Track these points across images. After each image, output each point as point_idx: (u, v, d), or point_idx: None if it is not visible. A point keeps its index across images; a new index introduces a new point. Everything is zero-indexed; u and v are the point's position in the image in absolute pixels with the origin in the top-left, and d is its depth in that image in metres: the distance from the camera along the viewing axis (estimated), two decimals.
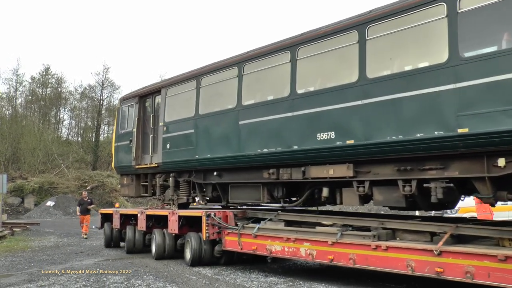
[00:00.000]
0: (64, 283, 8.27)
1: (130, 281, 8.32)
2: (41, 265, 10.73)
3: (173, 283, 8.08)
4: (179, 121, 11.28)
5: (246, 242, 9.16)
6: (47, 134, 37.93)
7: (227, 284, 8.04)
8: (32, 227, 20.84)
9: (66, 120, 44.74)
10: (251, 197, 9.69)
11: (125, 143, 13.45)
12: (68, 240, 16.78)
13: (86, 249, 13.90)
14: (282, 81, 8.86)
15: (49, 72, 45.23)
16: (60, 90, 44.39)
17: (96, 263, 10.76)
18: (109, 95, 42.99)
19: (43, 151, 34.61)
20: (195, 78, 10.90)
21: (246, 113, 9.39)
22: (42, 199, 30.17)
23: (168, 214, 10.98)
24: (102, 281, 8.40)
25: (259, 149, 9.01)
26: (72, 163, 34.82)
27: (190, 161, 10.76)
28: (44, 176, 31.80)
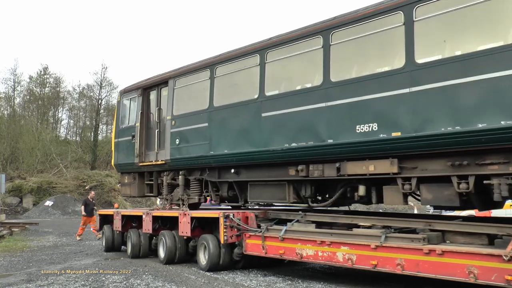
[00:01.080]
0: (63, 282, 8.19)
1: (129, 280, 8.26)
2: (40, 265, 10.62)
3: (172, 283, 8.02)
4: (190, 114, 10.38)
5: (272, 246, 8.33)
6: (46, 133, 37.82)
7: (226, 283, 7.93)
8: (31, 227, 20.52)
9: (64, 120, 44.50)
10: (275, 196, 8.87)
11: (127, 139, 12.47)
12: (67, 240, 16.33)
13: (85, 248, 13.58)
14: (313, 69, 8.08)
15: (47, 71, 45.09)
16: (58, 89, 44.50)
17: (95, 263, 10.63)
18: (107, 94, 42.80)
19: (41, 150, 34.64)
20: (209, 68, 10.02)
21: (270, 104, 8.57)
22: (41, 199, 30.08)
23: (178, 215, 10.07)
24: (101, 280, 8.32)
25: (286, 144, 8.20)
26: (70, 163, 34.75)
27: (203, 158, 9.88)
28: (42, 176, 31.83)
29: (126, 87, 13.04)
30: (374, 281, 7.95)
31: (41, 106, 42.72)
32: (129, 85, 13.02)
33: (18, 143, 35.69)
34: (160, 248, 10.55)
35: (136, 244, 11.30)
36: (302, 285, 7.70)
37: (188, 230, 9.75)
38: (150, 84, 11.99)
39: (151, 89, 12.08)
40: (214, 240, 9.08)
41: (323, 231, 7.83)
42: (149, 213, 11.02)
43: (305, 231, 8.03)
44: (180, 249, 10.17)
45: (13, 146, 35.64)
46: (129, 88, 12.82)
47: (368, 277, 8.25)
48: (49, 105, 43.19)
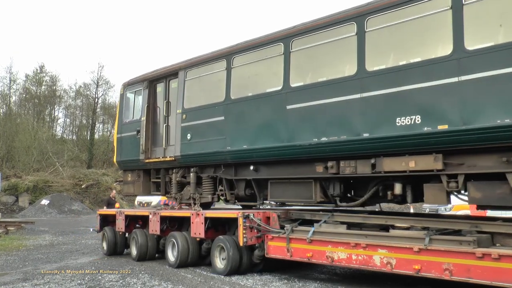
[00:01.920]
0: (59, 281, 8.13)
1: (126, 279, 8.22)
2: (36, 264, 10.52)
3: (168, 281, 7.97)
4: (203, 107, 9.71)
5: (298, 249, 7.71)
6: (42, 132, 37.49)
7: (222, 282, 7.87)
8: (27, 225, 20.12)
9: (60, 119, 44.22)
10: (299, 195, 8.24)
11: (131, 134, 11.72)
12: (63, 238, 16.04)
13: (81, 247, 13.41)
14: (345, 58, 7.49)
15: (44, 70, 44.65)
16: (54, 88, 44.16)
17: (92, 262, 10.55)
18: (104, 93, 42.30)
19: (37, 149, 34.32)
20: (225, 58, 9.36)
21: (296, 96, 7.96)
22: (37, 198, 29.81)
23: (190, 215, 9.38)
24: (97, 279, 8.28)
25: (314, 138, 7.60)
26: (67, 162, 34.47)
27: (218, 154, 9.21)
28: (38, 175, 31.47)
29: (130, 80, 12.29)
30: (371, 281, 7.77)
31: (37, 105, 42.42)
32: (134, 77, 12.28)
33: (14, 141, 35.28)
34: (169, 250, 9.83)
35: (144, 246, 10.55)
36: (298, 284, 7.54)
37: (202, 231, 9.07)
38: (157, 76, 11.28)
39: (158, 81, 11.37)
40: (233, 242, 8.42)
41: (356, 233, 7.23)
42: (156, 213, 10.30)
43: (336, 232, 7.43)
44: (193, 252, 9.48)
45: (9, 144, 35.23)
46: (134, 80, 12.07)
47: (362, 277, 8.11)
48: (45, 104, 42.92)
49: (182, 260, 9.36)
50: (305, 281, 7.71)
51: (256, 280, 7.82)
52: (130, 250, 11.07)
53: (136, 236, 10.72)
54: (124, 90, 12.33)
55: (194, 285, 7.69)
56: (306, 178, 8.10)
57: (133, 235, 10.97)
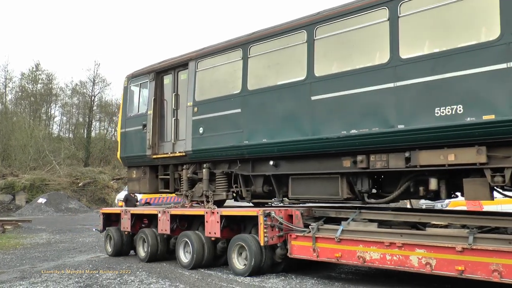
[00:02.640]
0: (57, 279, 8.08)
1: (123, 277, 8.19)
2: (33, 262, 10.43)
3: (166, 279, 7.96)
4: (217, 99, 9.17)
5: (325, 248, 7.24)
6: (38, 130, 36.99)
7: (219, 279, 7.86)
8: (24, 224, 20.01)
9: (57, 117, 43.76)
10: (324, 191, 7.76)
11: (136, 129, 11.14)
12: (60, 237, 15.87)
13: (78, 245, 13.31)
14: (376, 45, 7.02)
15: (39, 68, 43.94)
16: (50, 86, 43.69)
17: (89, 260, 10.48)
18: (100, 91, 41.92)
19: (34, 147, 33.93)
20: (241, 47, 8.84)
21: (321, 86, 7.48)
22: (34, 196, 29.41)
23: (204, 214, 8.85)
24: (94, 277, 8.26)
25: (343, 131, 7.13)
26: (63, 160, 34.13)
27: (235, 148, 8.70)
28: (35, 173, 30.98)
29: (135, 72, 11.69)
30: (367, 279, 7.68)
31: (33, 103, 41.93)
32: (139, 69, 11.68)
33: (10, 140, 34.82)
34: (181, 251, 9.29)
35: (154, 246, 9.97)
36: (296, 281, 7.45)
37: (217, 230, 8.55)
38: (164, 67, 10.71)
39: (166, 73, 10.80)
40: (255, 241, 7.91)
41: (389, 231, 6.78)
42: (166, 212, 9.74)
43: (366, 231, 6.97)
44: (208, 252, 8.96)
45: (5, 143, 34.77)
46: (139, 72, 11.48)
47: (358, 273, 8.01)
48: (41, 102, 42.44)
49: (198, 261, 8.84)
50: (302, 278, 7.56)
51: (253, 277, 7.69)
52: (137, 250, 10.49)
53: (145, 236, 10.15)
54: (128, 83, 11.72)
55: (191, 282, 7.59)
56: (332, 174, 7.63)
57: (141, 234, 10.40)
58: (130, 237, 11.27)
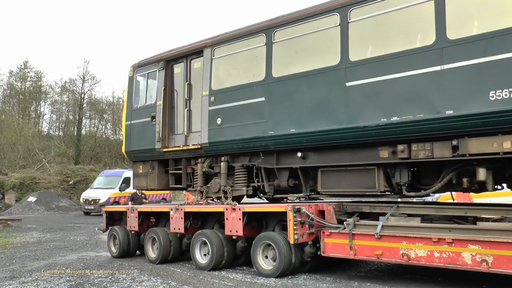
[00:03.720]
0: (48, 278, 7.96)
1: (115, 275, 8.13)
2: (23, 261, 10.18)
3: (157, 277, 7.92)
4: (237, 88, 8.59)
5: (364, 246, 6.72)
6: (27, 128, 36.11)
7: (211, 276, 7.82)
8: (14, 223, 19.56)
9: (46, 114, 42.72)
10: (359, 184, 7.25)
11: (144, 121, 10.47)
12: (51, 235, 15.47)
13: (69, 244, 13.09)
14: (420, 26, 6.53)
15: (28, 65, 42.65)
16: (39, 84, 42.53)
17: (80, 258, 10.33)
18: (90, 88, 40.69)
19: (23, 146, 32.99)
20: (264, 32, 8.28)
21: (358, 71, 6.97)
22: (24, 195, 28.65)
23: (224, 210, 8.24)
24: (86, 275, 8.20)
25: (383, 118, 6.63)
26: (53, 158, 33.10)
27: (258, 139, 8.12)
28: (25, 172, 30.15)
29: (141, 61, 11.01)
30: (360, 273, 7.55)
31: (22, 101, 40.85)
32: (145, 58, 11.01)
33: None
34: (197, 251, 8.65)
35: (166, 246, 9.30)
36: (287, 276, 7.31)
37: (240, 228, 7.95)
38: (175, 56, 10.08)
39: (177, 62, 10.17)
40: (283, 240, 7.34)
41: (435, 226, 6.30)
42: (179, 209, 9.09)
43: (410, 226, 6.47)
44: (228, 252, 8.35)
45: None
46: (146, 61, 10.80)
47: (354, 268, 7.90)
48: (30, 100, 41.39)
49: (217, 262, 8.22)
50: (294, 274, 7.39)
51: (245, 273, 7.58)
52: (146, 251, 9.79)
53: (155, 236, 9.46)
54: (134, 73, 11.04)
55: (184, 279, 7.55)
56: (368, 165, 7.13)
57: (150, 234, 9.70)
58: (136, 237, 10.58)
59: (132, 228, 10.21)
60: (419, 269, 7.56)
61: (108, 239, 10.87)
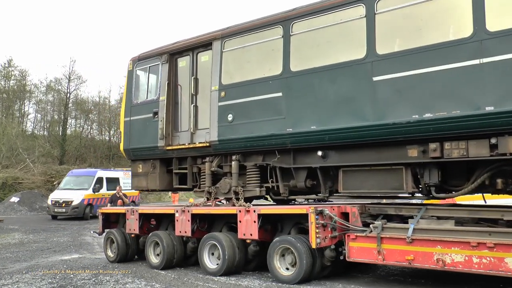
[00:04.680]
0: (29, 281, 7.81)
1: (98, 277, 8.03)
2: (4, 263, 9.98)
3: (141, 279, 7.83)
4: (250, 82, 8.11)
5: (393, 250, 6.29)
6: (11, 128, 34.77)
7: (195, 278, 7.75)
8: None
9: (31, 114, 41.08)
10: (384, 185, 6.85)
11: (145, 117, 9.88)
12: (34, 237, 15.13)
13: (53, 245, 12.78)
14: (455, 17, 6.18)
15: (12, 64, 41.35)
16: (24, 82, 41.33)
17: (63, 260, 10.13)
18: (76, 88, 39.81)
19: (6, 145, 31.87)
20: (281, 24, 7.82)
21: (386, 65, 6.57)
22: (6, 195, 27.68)
23: (237, 212, 7.73)
24: (69, 278, 8.04)
25: (414, 115, 6.25)
26: (38, 158, 32.05)
27: (275, 137, 7.65)
28: (8, 171, 29.07)
29: (142, 54, 10.40)
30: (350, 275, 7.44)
31: (5, 100, 39.47)
32: (146, 51, 10.42)
33: None
34: (206, 256, 8.11)
35: (170, 251, 8.71)
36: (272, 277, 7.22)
37: (254, 231, 7.45)
38: (180, 49, 9.53)
39: (181, 55, 9.62)
40: (305, 243, 6.88)
41: (473, 230, 5.93)
42: (186, 211, 8.52)
43: (443, 229, 6.09)
44: (240, 256, 7.84)
45: None
46: (147, 54, 10.21)
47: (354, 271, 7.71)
48: (14, 99, 40.10)
49: (229, 267, 7.70)
50: None
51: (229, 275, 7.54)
52: (147, 256, 9.17)
53: (158, 239, 8.85)
54: (134, 66, 10.42)
55: (168, 281, 7.50)
56: (394, 164, 6.73)
57: (152, 238, 9.08)
58: (135, 240, 9.95)
59: (131, 231, 9.58)
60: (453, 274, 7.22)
61: (105, 242, 10.20)
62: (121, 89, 49.33)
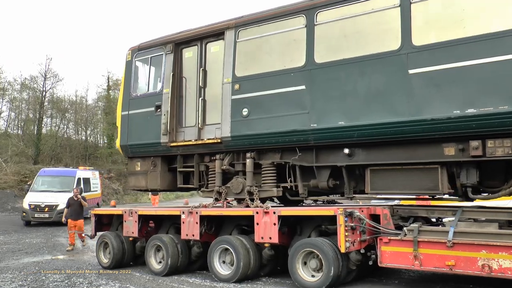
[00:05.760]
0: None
1: (71, 279, 7.86)
2: None
3: (115, 280, 7.73)
4: (269, 74, 7.56)
5: (431, 255, 5.86)
6: None
7: (171, 280, 7.68)
8: None
9: (4, 112, 38.78)
10: (417, 186, 6.42)
11: (145, 111, 9.17)
12: (4, 238, 14.52)
13: (25, 247, 12.34)
14: (500, 9, 5.84)
15: None
16: None
17: (36, 262, 9.88)
18: (52, 86, 37.99)
19: None
20: (304, 13, 7.33)
21: (424, 57, 6.17)
22: None
23: (254, 214, 7.15)
24: (41, 280, 7.86)
25: (456, 110, 5.87)
26: (11, 157, 29.73)
27: (297, 133, 7.12)
28: None
29: (143, 43, 9.68)
30: None
31: None
32: (148, 40, 9.71)
33: None
34: (216, 260, 7.49)
35: (174, 256, 8.02)
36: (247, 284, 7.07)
37: (274, 234, 6.90)
38: (187, 38, 8.89)
39: (188, 45, 8.98)
40: (331, 247, 6.36)
41: None
42: (194, 212, 7.86)
43: (488, 233, 5.70)
44: (255, 261, 7.26)
45: None
46: (149, 44, 9.50)
47: None
48: None
49: (243, 273, 7.11)
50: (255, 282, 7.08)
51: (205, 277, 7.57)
52: (148, 261, 8.43)
53: (161, 243, 8.14)
54: (133, 57, 9.69)
55: (142, 283, 7.45)
56: (429, 164, 6.32)
57: (154, 241, 8.36)
58: (132, 244, 9.19)
59: (129, 234, 8.82)
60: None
61: (98, 247, 9.39)
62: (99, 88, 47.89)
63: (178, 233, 8.47)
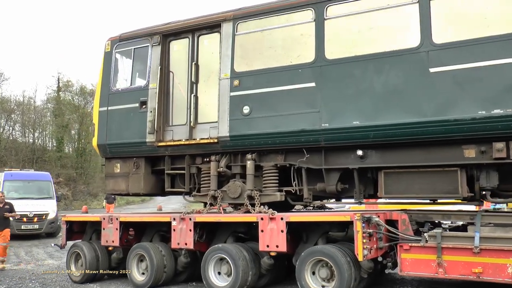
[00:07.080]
0: None
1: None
2: None
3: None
4: (273, 70, 7.04)
5: (456, 262, 5.56)
6: None
7: (116, 286, 7.52)
8: None
9: None
10: (435, 189, 6.12)
11: (128, 107, 8.34)
12: None
13: None
14: None
15: None
16: None
17: None
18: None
19: None
20: (313, 7, 6.89)
21: (446, 55, 5.93)
22: None
23: (258, 220, 6.54)
24: None
25: (481, 111, 5.66)
26: None
27: (307, 133, 6.64)
28: None
29: (124, 33, 8.82)
30: None
31: None
32: (130, 30, 8.87)
33: None
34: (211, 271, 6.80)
35: (160, 267, 7.22)
36: None
37: (282, 241, 6.33)
38: (177, 30, 8.19)
39: (177, 37, 8.27)
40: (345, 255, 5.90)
41: None
42: (186, 219, 7.12)
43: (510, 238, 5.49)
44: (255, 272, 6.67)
45: None
46: (132, 34, 8.67)
47: None
48: None
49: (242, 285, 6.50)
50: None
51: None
52: (130, 273, 7.56)
53: (145, 253, 7.31)
54: (113, 48, 8.81)
55: None
56: (448, 166, 6.06)
57: (137, 250, 7.51)
58: (107, 256, 8.24)
59: (109, 243, 7.88)
60: None
61: (69, 258, 8.36)
62: (48, 89, 45.01)
63: (163, 241, 7.73)
